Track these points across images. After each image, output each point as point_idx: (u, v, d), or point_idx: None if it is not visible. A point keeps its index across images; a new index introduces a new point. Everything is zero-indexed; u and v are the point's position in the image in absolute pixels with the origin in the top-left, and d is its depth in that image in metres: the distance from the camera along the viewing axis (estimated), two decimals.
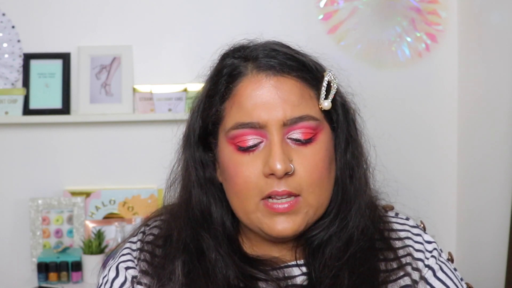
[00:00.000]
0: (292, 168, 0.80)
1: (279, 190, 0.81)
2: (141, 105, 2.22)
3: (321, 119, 0.84)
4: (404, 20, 2.26)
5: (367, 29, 2.26)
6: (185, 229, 0.87)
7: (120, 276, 0.88)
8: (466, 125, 2.25)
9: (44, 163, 2.25)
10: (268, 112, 0.81)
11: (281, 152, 0.80)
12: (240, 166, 0.82)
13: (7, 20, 2.19)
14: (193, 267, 0.84)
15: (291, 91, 0.82)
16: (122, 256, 0.90)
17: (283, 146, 0.81)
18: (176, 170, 0.93)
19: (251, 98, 0.82)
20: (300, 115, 0.82)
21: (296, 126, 0.82)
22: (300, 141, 0.82)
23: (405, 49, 2.27)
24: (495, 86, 2.04)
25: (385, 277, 0.85)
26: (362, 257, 0.84)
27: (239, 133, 0.82)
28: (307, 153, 0.82)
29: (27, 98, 2.20)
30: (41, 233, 2.22)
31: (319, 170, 0.82)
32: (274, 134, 0.81)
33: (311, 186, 0.82)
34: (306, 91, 0.84)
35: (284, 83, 0.83)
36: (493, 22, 2.08)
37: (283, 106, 0.81)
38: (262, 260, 0.87)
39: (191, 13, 2.26)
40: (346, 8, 2.25)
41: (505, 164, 1.96)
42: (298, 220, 0.82)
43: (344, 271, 0.83)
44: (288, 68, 0.84)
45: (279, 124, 0.81)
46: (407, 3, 2.25)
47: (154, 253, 0.88)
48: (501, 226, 1.95)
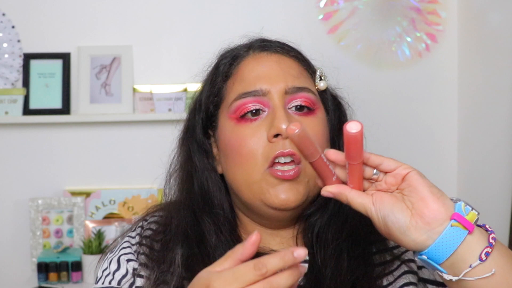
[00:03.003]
0: None
1: (285, 151, 0.82)
2: (141, 105, 2.22)
3: (318, 98, 0.88)
4: (404, 20, 2.26)
5: (367, 29, 2.26)
6: (186, 216, 0.88)
7: (122, 268, 0.88)
8: (466, 125, 2.25)
9: (44, 163, 2.25)
10: (271, 81, 0.85)
11: (285, 114, 0.83)
12: (244, 136, 0.84)
13: (7, 20, 2.19)
14: (192, 253, 0.85)
15: (291, 66, 0.88)
16: (122, 249, 0.90)
17: (286, 112, 0.84)
18: (175, 161, 0.94)
19: (254, 71, 0.87)
20: (301, 86, 0.86)
21: (297, 96, 0.85)
22: (301, 109, 0.85)
23: (405, 49, 2.27)
24: (495, 86, 2.04)
25: (380, 270, 0.85)
26: (358, 240, 0.86)
27: (242, 102, 0.85)
28: (308, 123, 0.84)
29: (27, 98, 2.20)
30: (41, 233, 2.22)
31: (318, 139, 0.84)
32: (276, 101, 0.84)
33: None
34: (305, 71, 0.89)
35: (285, 59, 0.88)
36: (493, 22, 2.08)
37: (285, 76, 0.86)
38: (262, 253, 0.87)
39: (191, 13, 2.26)
40: (346, 8, 2.25)
41: (505, 164, 1.96)
42: (301, 189, 0.83)
43: (343, 252, 0.84)
44: (286, 50, 0.90)
45: (281, 92, 0.85)
46: (407, 3, 2.25)
47: (152, 247, 0.89)
48: (501, 226, 1.95)
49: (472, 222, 0.70)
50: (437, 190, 0.72)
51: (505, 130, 1.95)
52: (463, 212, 0.70)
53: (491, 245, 0.69)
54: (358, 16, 2.25)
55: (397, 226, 0.71)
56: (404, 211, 0.71)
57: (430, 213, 0.70)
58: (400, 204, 0.72)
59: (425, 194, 0.70)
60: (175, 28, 2.26)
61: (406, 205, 0.72)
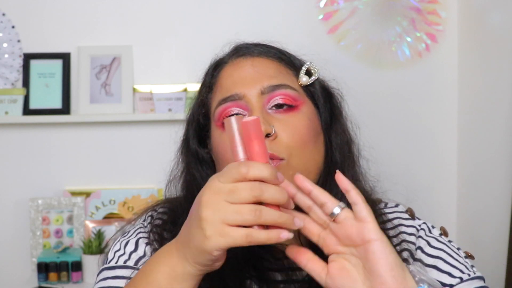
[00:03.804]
0: (273, 130, 0.83)
1: None
2: (141, 105, 2.22)
3: (301, 93, 0.88)
4: (404, 20, 2.26)
5: (367, 29, 2.26)
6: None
7: (140, 250, 0.88)
8: (466, 125, 2.25)
9: (44, 163, 2.25)
10: (245, 84, 0.86)
11: (260, 116, 0.83)
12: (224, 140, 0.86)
13: (7, 20, 2.19)
14: None
15: (268, 66, 0.88)
16: (140, 233, 0.91)
17: (264, 113, 0.84)
18: (175, 170, 0.96)
19: (230, 77, 0.88)
20: (278, 83, 0.86)
21: (274, 94, 0.85)
22: (281, 107, 0.85)
23: (405, 49, 2.27)
24: (495, 86, 2.04)
25: None
26: None
27: (222, 108, 0.86)
28: (288, 119, 0.85)
29: (27, 98, 2.20)
30: (41, 233, 2.22)
31: (301, 135, 0.84)
32: (253, 103, 0.85)
33: (294, 149, 0.84)
34: (283, 68, 0.89)
35: (261, 62, 0.89)
36: (493, 22, 2.08)
37: (260, 77, 0.86)
38: (271, 247, 0.88)
39: (191, 13, 2.26)
40: (346, 8, 2.25)
41: (505, 164, 1.96)
42: None
43: None
44: (265, 53, 0.90)
45: (257, 94, 0.85)
46: (407, 3, 2.25)
47: (162, 235, 0.90)
48: (501, 227, 1.95)
49: None
50: (399, 270, 0.68)
51: (505, 130, 1.95)
52: None
53: None
54: (358, 16, 2.25)
55: None
56: None
57: None
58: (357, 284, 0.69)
59: (384, 277, 0.67)
60: (175, 28, 2.26)
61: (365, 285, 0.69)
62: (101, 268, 0.89)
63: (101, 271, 0.88)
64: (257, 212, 0.64)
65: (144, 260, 0.87)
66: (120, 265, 0.87)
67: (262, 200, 0.65)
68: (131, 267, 0.86)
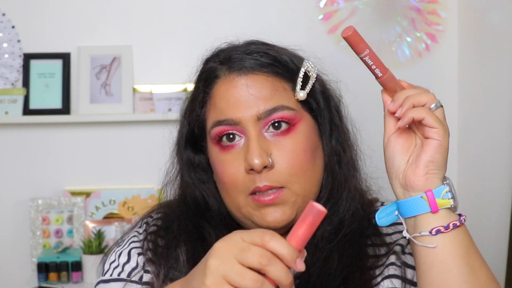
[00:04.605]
0: (270, 161, 0.83)
1: (261, 186, 0.83)
2: (141, 105, 2.22)
3: (298, 109, 0.87)
4: (404, 20, 2.26)
5: (367, 29, 2.25)
6: (185, 220, 0.90)
7: (132, 261, 0.89)
8: (466, 125, 2.25)
9: (44, 163, 2.25)
10: (241, 109, 0.84)
11: (257, 147, 0.82)
12: (225, 164, 0.85)
13: (7, 20, 2.19)
14: (196, 252, 0.86)
15: (263, 86, 0.85)
16: (133, 242, 0.91)
17: (260, 140, 0.83)
18: (170, 172, 0.96)
19: (225, 97, 0.86)
20: (273, 107, 0.84)
21: (270, 118, 0.84)
22: (277, 130, 0.84)
23: (405, 49, 2.27)
24: (495, 86, 2.04)
25: (373, 262, 0.86)
26: (352, 239, 0.87)
27: (218, 130, 0.86)
28: (286, 144, 0.84)
29: (27, 98, 2.20)
30: (41, 233, 2.22)
31: (300, 160, 0.84)
32: (250, 130, 0.84)
33: (294, 177, 0.84)
34: (279, 84, 0.86)
35: (256, 80, 0.86)
36: (493, 22, 2.08)
37: (255, 102, 0.84)
38: None
39: (191, 13, 2.26)
40: (346, 8, 2.25)
41: (505, 164, 1.96)
42: (287, 210, 0.85)
43: (334, 252, 0.85)
44: (259, 66, 0.87)
45: (253, 120, 0.84)
46: (407, 3, 2.25)
47: (157, 243, 0.90)
48: (501, 226, 1.95)
49: (440, 206, 0.75)
50: (434, 167, 0.76)
51: (505, 130, 1.95)
52: (439, 195, 0.76)
53: (447, 228, 0.75)
54: (358, 16, 2.25)
55: (390, 169, 0.79)
56: (402, 162, 0.77)
57: (413, 178, 0.76)
58: (404, 155, 0.77)
59: (421, 162, 0.76)
60: (175, 28, 2.26)
61: (409, 159, 0.77)
62: (98, 280, 0.90)
63: (97, 283, 0.90)
64: (258, 283, 0.63)
65: (137, 271, 0.88)
66: (115, 278, 0.89)
67: (265, 271, 0.63)
68: (124, 280, 0.88)
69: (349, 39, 0.76)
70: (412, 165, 0.76)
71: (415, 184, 0.76)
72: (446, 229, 0.75)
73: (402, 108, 0.76)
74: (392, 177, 0.79)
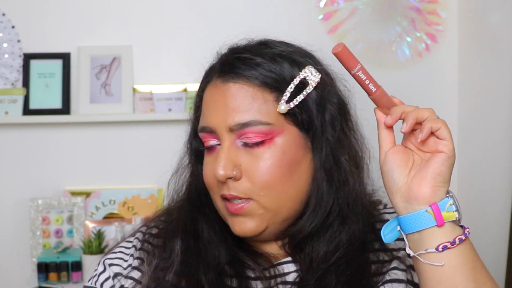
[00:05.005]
0: (235, 174, 0.82)
1: (227, 194, 0.83)
2: (141, 105, 2.22)
3: (278, 123, 0.83)
4: (404, 20, 2.26)
5: (367, 29, 2.26)
6: (186, 211, 0.91)
7: (106, 271, 0.91)
8: (466, 125, 2.25)
9: (44, 163, 2.25)
10: (217, 118, 0.83)
11: (224, 158, 0.82)
12: (206, 166, 0.86)
13: (7, 20, 2.19)
14: (188, 246, 0.88)
15: (242, 96, 0.83)
16: (111, 253, 0.93)
17: (231, 150, 0.83)
18: (180, 162, 0.97)
19: (208, 104, 0.86)
20: (246, 121, 0.82)
21: (242, 132, 0.82)
22: (248, 145, 0.82)
23: (405, 49, 2.27)
24: (495, 86, 2.04)
25: (376, 268, 0.85)
26: (350, 260, 0.84)
27: (202, 135, 0.86)
28: (257, 157, 0.82)
29: (27, 98, 2.20)
30: (41, 233, 2.22)
31: (271, 174, 0.82)
32: (224, 139, 0.83)
33: (262, 190, 0.82)
34: (260, 95, 0.83)
35: (237, 89, 0.83)
36: (493, 22, 2.08)
37: (231, 112, 0.82)
38: (254, 251, 0.89)
39: (191, 13, 2.26)
40: (346, 8, 2.25)
41: (505, 164, 1.96)
42: (253, 222, 0.84)
43: (331, 273, 0.83)
44: (244, 73, 0.84)
45: (226, 130, 0.83)
46: (407, 3, 2.25)
47: (152, 243, 0.92)
48: (501, 226, 1.95)
49: (446, 219, 0.74)
50: (441, 180, 0.75)
51: (505, 130, 1.95)
52: (444, 208, 0.74)
53: (453, 243, 0.73)
54: (358, 16, 2.25)
55: (390, 184, 0.77)
56: (402, 176, 0.76)
57: (417, 192, 0.75)
58: (403, 169, 0.76)
59: (429, 174, 0.75)
60: (175, 28, 2.26)
61: (409, 172, 0.76)
62: (84, 286, 0.93)
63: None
64: None
65: (108, 283, 0.90)
66: (89, 286, 0.92)
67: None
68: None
69: (339, 55, 0.75)
70: (417, 177, 0.75)
71: (421, 196, 0.74)
72: (453, 244, 0.73)
73: (407, 123, 0.75)
74: (392, 192, 0.77)
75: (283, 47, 0.88)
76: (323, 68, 0.88)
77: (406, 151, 0.78)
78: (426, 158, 0.76)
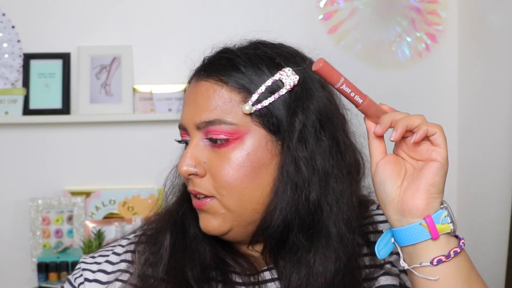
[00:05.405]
0: (196, 170, 0.82)
1: (191, 189, 0.84)
2: (141, 105, 2.22)
3: (244, 123, 0.81)
4: (404, 20, 2.26)
5: (367, 29, 2.26)
6: (175, 209, 0.92)
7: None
8: (466, 125, 2.25)
9: (44, 163, 2.25)
10: (187, 115, 0.85)
11: (188, 154, 0.83)
12: (181, 159, 0.87)
13: (7, 20, 2.19)
14: (176, 242, 0.88)
15: (209, 95, 0.83)
16: (75, 270, 0.93)
17: (197, 148, 0.83)
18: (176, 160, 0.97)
19: (184, 102, 0.89)
20: (210, 120, 0.81)
21: (207, 130, 0.82)
22: (213, 142, 0.83)
23: (405, 49, 2.27)
24: (495, 86, 2.04)
25: (367, 273, 0.84)
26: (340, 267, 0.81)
27: (180, 132, 0.88)
28: (221, 156, 0.82)
29: (27, 98, 2.20)
30: (41, 233, 2.22)
31: (233, 173, 0.81)
32: (192, 137, 0.84)
33: (224, 189, 0.82)
34: (227, 95, 0.82)
35: (206, 88, 0.84)
36: (493, 22, 2.08)
37: (198, 110, 0.83)
38: (237, 252, 0.88)
39: (191, 13, 2.26)
40: (346, 8, 2.25)
41: (505, 164, 1.96)
42: (215, 221, 0.83)
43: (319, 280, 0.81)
44: (215, 73, 0.84)
45: (194, 127, 0.84)
46: (407, 3, 2.25)
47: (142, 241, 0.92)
48: (501, 226, 1.95)
49: (440, 232, 0.73)
50: (435, 191, 0.74)
51: (505, 130, 1.95)
52: (438, 220, 0.73)
53: (448, 256, 0.72)
54: (358, 16, 2.25)
55: (382, 196, 0.76)
56: (394, 188, 0.75)
57: (411, 204, 0.73)
58: (395, 179, 0.75)
59: (422, 186, 0.73)
60: (175, 28, 2.26)
61: (401, 183, 0.75)
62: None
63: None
64: None
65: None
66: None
67: None
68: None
69: (321, 72, 0.73)
70: (410, 189, 0.74)
71: (414, 209, 0.73)
72: (448, 258, 0.72)
73: (396, 131, 0.74)
74: (385, 204, 0.75)
75: (269, 49, 0.86)
76: (309, 73, 0.84)
77: (398, 160, 0.76)
78: (419, 167, 0.75)
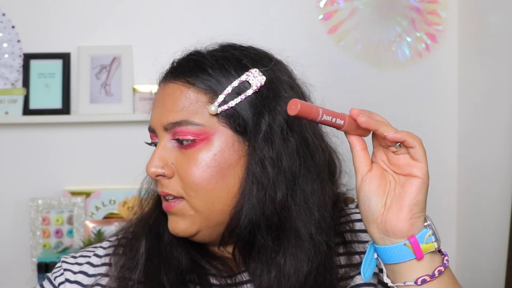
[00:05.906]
0: (164, 171, 0.83)
1: (160, 191, 0.85)
2: (141, 105, 2.22)
3: (210, 124, 0.81)
4: (404, 20, 2.26)
5: (367, 29, 2.26)
6: (150, 214, 0.93)
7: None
8: (466, 125, 2.25)
9: (44, 163, 2.25)
10: (155, 117, 0.85)
11: (155, 156, 0.83)
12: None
13: (7, 20, 2.19)
14: (152, 248, 0.88)
15: (176, 97, 0.83)
16: (55, 269, 0.93)
17: (165, 149, 0.84)
18: None
19: (153, 103, 0.89)
20: (177, 121, 0.82)
21: (174, 131, 0.82)
22: (180, 144, 0.83)
23: (405, 49, 2.27)
24: (495, 86, 2.04)
25: (344, 272, 0.84)
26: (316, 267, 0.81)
27: (149, 134, 0.88)
28: (188, 157, 0.82)
29: (27, 98, 2.20)
30: (41, 233, 2.22)
31: (199, 174, 0.81)
32: (160, 138, 0.85)
33: (191, 190, 0.82)
34: (193, 96, 0.82)
35: (173, 89, 0.84)
36: (493, 22, 2.08)
37: (165, 112, 0.83)
38: (212, 255, 0.88)
39: (191, 13, 2.26)
40: (346, 8, 2.25)
41: (505, 164, 1.96)
42: (184, 223, 0.84)
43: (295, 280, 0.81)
44: (182, 74, 0.85)
45: (162, 129, 0.84)
46: (407, 3, 2.25)
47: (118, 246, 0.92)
48: (501, 226, 1.95)
49: (425, 251, 0.72)
50: (418, 210, 0.73)
51: (505, 130, 1.95)
52: (423, 240, 0.72)
53: (433, 276, 0.72)
54: (358, 16, 2.25)
55: (367, 213, 0.75)
56: (378, 206, 0.74)
57: (394, 225, 0.73)
58: (381, 197, 0.74)
59: (405, 206, 0.73)
60: (175, 28, 2.26)
61: (385, 201, 0.74)
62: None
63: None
64: None
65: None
66: None
67: None
68: None
69: (301, 113, 0.70)
70: (393, 209, 0.73)
71: (398, 230, 0.72)
72: (432, 277, 0.72)
73: (369, 118, 0.74)
74: (369, 222, 0.75)
75: (237, 51, 0.87)
76: (277, 74, 0.84)
77: (383, 174, 0.75)
78: (400, 182, 0.74)
